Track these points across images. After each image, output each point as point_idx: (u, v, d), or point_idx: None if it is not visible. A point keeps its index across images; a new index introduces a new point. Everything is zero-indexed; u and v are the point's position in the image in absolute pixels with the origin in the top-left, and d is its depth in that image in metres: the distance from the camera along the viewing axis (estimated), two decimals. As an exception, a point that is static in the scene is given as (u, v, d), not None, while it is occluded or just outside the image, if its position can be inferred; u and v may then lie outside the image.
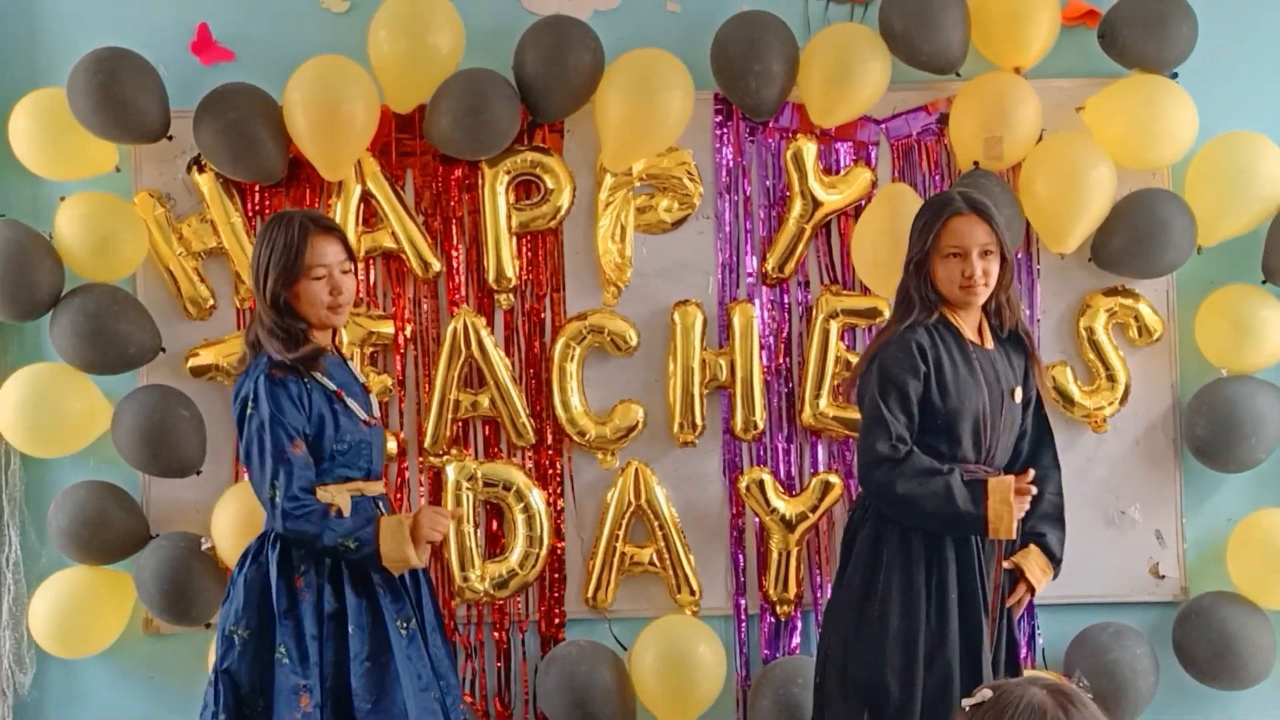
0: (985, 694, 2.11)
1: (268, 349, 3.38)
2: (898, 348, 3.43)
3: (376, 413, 3.61)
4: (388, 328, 4.26)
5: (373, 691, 3.34)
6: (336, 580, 3.40)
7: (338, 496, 3.41)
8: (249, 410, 3.35)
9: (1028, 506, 3.45)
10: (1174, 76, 4.19)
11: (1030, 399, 3.62)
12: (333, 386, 3.42)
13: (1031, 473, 3.46)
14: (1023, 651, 3.86)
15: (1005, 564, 3.51)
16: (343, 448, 3.45)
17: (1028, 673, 3.83)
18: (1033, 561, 3.54)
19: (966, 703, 2.13)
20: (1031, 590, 3.56)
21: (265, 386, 3.33)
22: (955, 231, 3.49)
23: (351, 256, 3.52)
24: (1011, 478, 3.39)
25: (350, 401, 3.46)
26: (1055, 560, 3.55)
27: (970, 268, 3.46)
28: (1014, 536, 3.40)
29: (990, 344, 3.55)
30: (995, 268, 3.50)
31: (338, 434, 3.42)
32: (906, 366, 3.41)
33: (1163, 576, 4.22)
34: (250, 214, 4.29)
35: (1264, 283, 4.18)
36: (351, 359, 3.70)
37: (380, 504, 3.53)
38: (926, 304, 3.49)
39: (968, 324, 3.53)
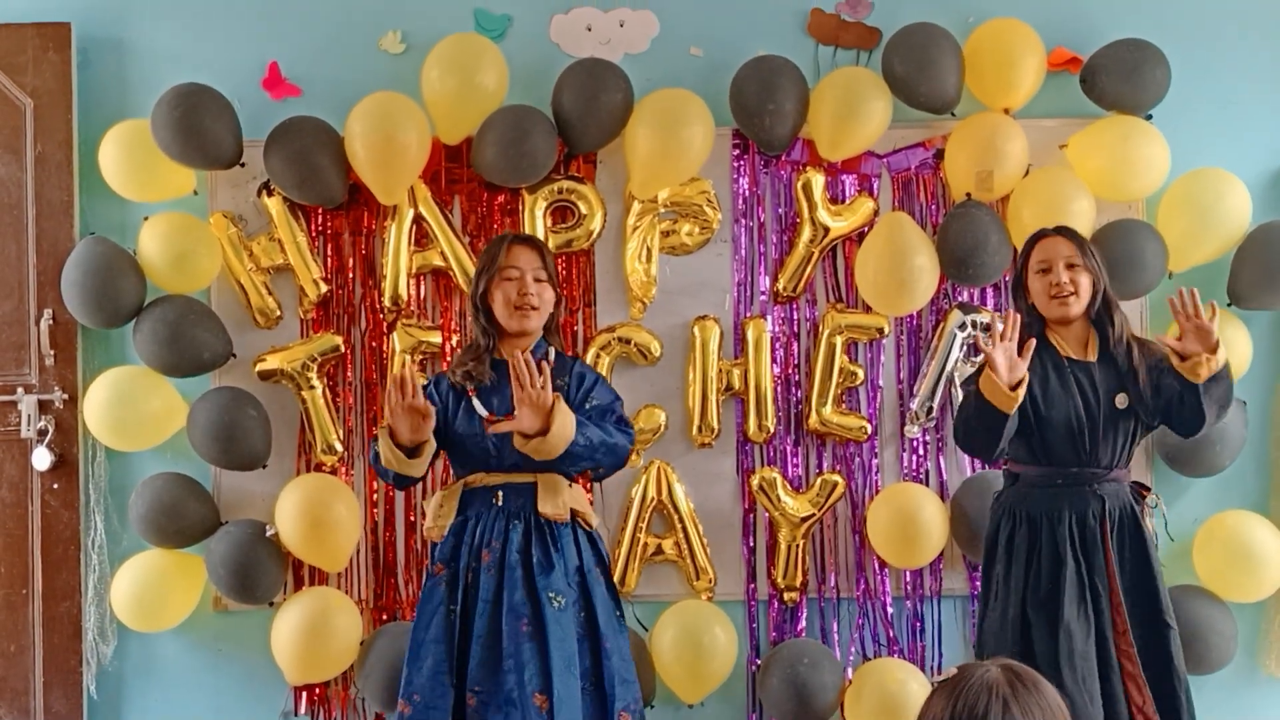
0: (951, 671, 2.28)
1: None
2: None
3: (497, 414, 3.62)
4: (436, 337, 4.37)
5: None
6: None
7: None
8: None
9: (1014, 356, 3.55)
10: (1149, 118, 4.31)
11: (1156, 387, 3.69)
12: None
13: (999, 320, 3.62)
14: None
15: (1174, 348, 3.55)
16: (456, 439, 3.64)
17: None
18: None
19: (935, 679, 2.31)
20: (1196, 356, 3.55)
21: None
22: (1042, 249, 3.79)
23: (548, 269, 3.69)
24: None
25: (474, 402, 3.62)
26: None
27: (1056, 277, 3.71)
28: (1010, 381, 3.53)
29: (1093, 357, 3.76)
30: (1085, 280, 3.72)
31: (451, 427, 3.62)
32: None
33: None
34: (314, 234, 4.39)
35: (1229, 305, 4.29)
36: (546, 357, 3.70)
37: (500, 492, 3.62)
38: (1035, 323, 3.78)
39: (1069, 340, 3.77)
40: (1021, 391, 3.57)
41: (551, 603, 3.54)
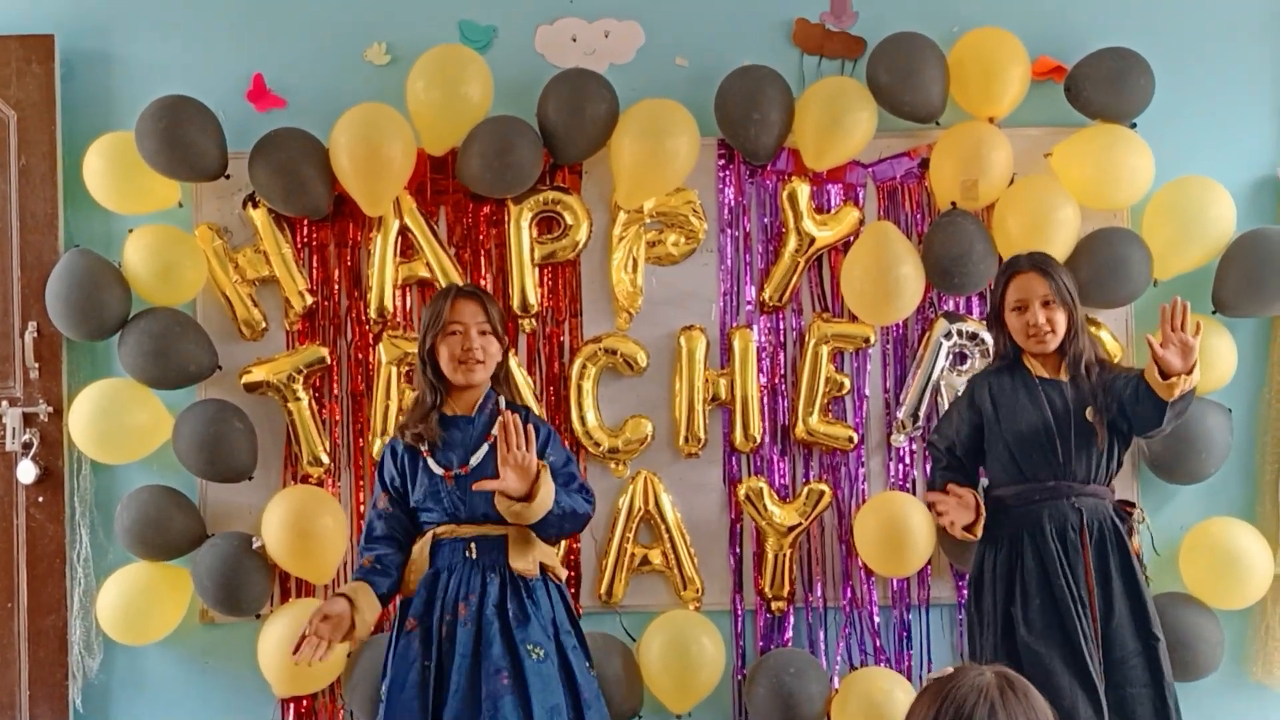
0: (947, 670, 2.28)
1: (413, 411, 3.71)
2: (965, 389, 3.99)
3: (475, 462, 3.62)
4: None
5: None
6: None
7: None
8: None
9: (953, 519, 3.79)
10: (1133, 126, 4.32)
11: (1114, 400, 3.74)
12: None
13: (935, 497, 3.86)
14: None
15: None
16: (420, 495, 3.64)
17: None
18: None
19: (929, 676, 2.31)
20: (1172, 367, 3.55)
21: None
22: (1018, 286, 3.81)
23: (491, 321, 3.67)
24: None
25: (432, 462, 3.63)
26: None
27: (1033, 317, 3.74)
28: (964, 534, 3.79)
29: (1065, 377, 3.81)
30: (1060, 317, 3.75)
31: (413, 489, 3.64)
32: (963, 404, 3.92)
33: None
34: (299, 245, 4.39)
35: (1214, 313, 4.31)
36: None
37: (473, 544, 3.61)
38: (1004, 355, 3.88)
39: (1043, 363, 3.82)
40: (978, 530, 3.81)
41: (531, 654, 3.53)
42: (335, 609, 3.50)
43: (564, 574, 3.83)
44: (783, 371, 4.46)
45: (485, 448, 3.64)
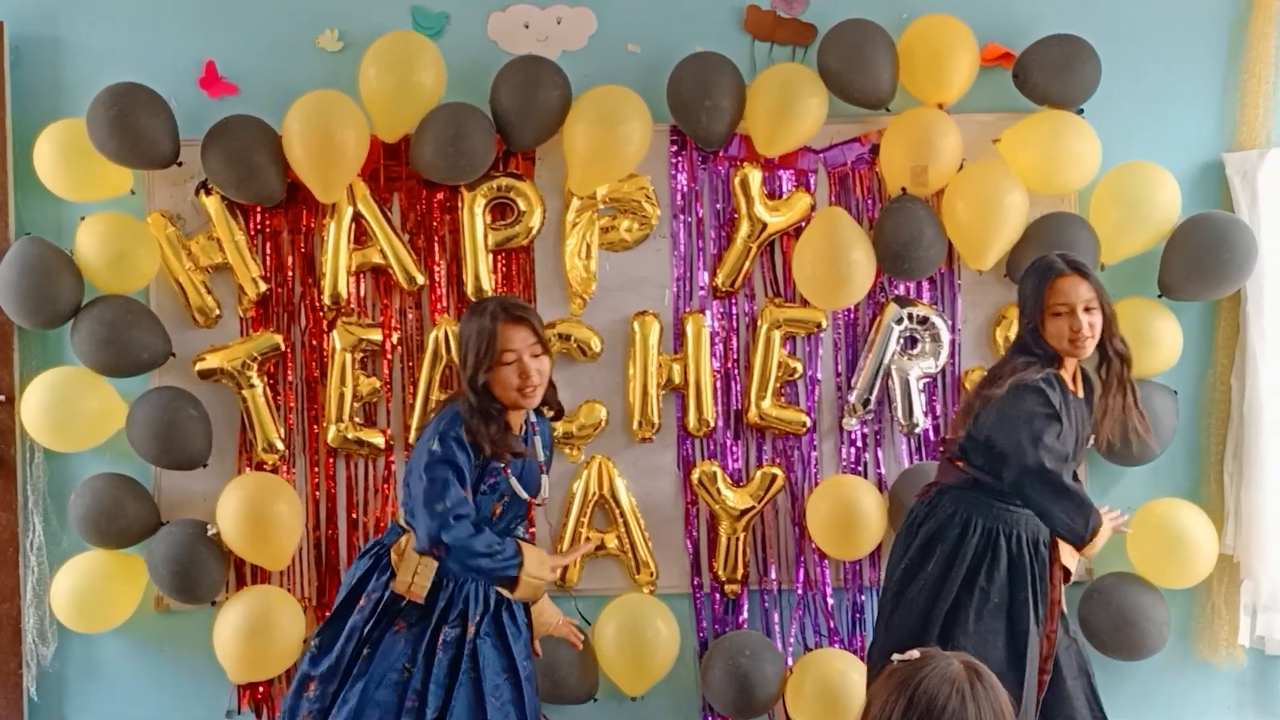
0: (914, 654, 2.27)
1: (473, 433, 3.44)
2: (1040, 397, 3.61)
3: (545, 494, 3.66)
4: (376, 335, 4.39)
5: None
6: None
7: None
8: (433, 447, 3.43)
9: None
10: (1080, 112, 4.35)
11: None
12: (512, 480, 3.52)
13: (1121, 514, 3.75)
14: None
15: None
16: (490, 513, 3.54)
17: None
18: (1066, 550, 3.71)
19: (897, 657, 2.28)
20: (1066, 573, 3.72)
21: (451, 437, 3.43)
22: (1060, 290, 3.67)
23: (541, 340, 3.53)
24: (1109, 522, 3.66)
25: (513, 482, 3.54)
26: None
27: (1077, 323, 3.65)
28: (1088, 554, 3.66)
29: (1081, 393, 3.76)
30: (1099, 321, 3.68)
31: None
32: (1051, 413, 3.61)
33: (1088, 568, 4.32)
34: (252, 232, 4.38)
35: (1160, 297, 4.37)
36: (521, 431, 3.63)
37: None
38: (1049, 358, 3.68)
39: (1068, 375, 3.73)
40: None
41: (521, 670, 3.58)
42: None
43: None
44: (736, 356, 4.48)
45: (544, 477, 3.68)
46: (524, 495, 3.58)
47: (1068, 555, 3.72)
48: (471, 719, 3.49)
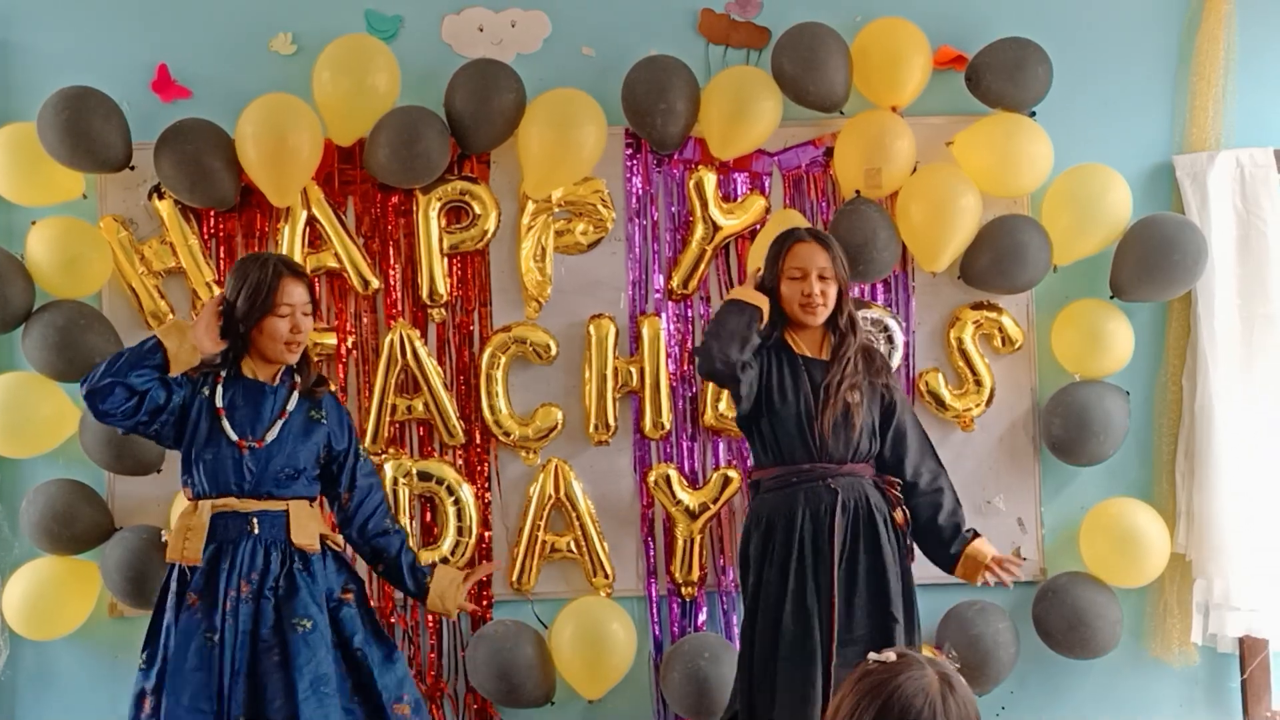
0: (890, 656, 2.21)
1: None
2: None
3: (271, 437, 3.56)
4: (331, 339, 4.37)
5: None
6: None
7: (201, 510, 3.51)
8: None
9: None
10: (1032, 115, 4.39)
11: (889, 405, 3.82)
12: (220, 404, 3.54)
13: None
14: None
15: (984, 575, 3.78)
16: (208, 458, 3.54)
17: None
18: (986, 547, 3.81)
19: (872, 657, 2.23)
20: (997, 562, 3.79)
21: None
22: (797, 254, 3.76)
23: (314, 302, 3.64)
24: None
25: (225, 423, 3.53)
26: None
27: (809, 287, 3.73)
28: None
29: (826, 356, 3.77)
30: (833, 290, 3.74)
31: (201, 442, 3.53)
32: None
33: (1024, 558, 4.28)
34: (206, 237, 4.36)
35: (1112, 298, 4.38)
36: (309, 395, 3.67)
37: (255, 519, 3.53)
38: (772, 323, 3.75)
39: (805, 340, 3.78)
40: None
41: (296, 628, 3.49)
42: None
43: (343, 541, 3.75)
44: (692, 358, 4.47)
45: (280, 424, 3.59)
46: (232, 436, 3.54)
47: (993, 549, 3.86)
48: (248, 681, 3.48)
